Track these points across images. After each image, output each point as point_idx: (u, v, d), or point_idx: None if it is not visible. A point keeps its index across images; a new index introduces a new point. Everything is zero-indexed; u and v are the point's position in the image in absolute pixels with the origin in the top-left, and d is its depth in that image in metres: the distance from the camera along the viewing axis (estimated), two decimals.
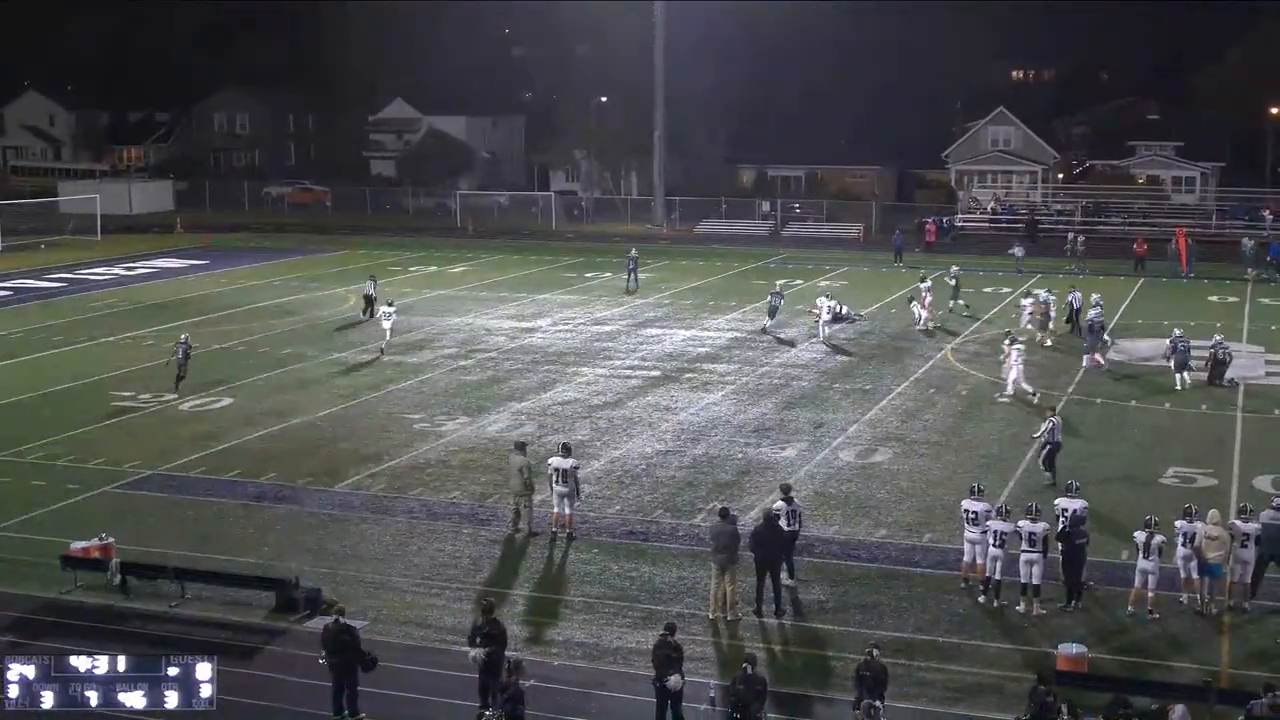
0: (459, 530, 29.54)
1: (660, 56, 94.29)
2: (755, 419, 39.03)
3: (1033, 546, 24.59)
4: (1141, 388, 42.96)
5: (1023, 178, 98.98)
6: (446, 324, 55.02)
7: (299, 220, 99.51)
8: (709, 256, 78.63)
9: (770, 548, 24.77)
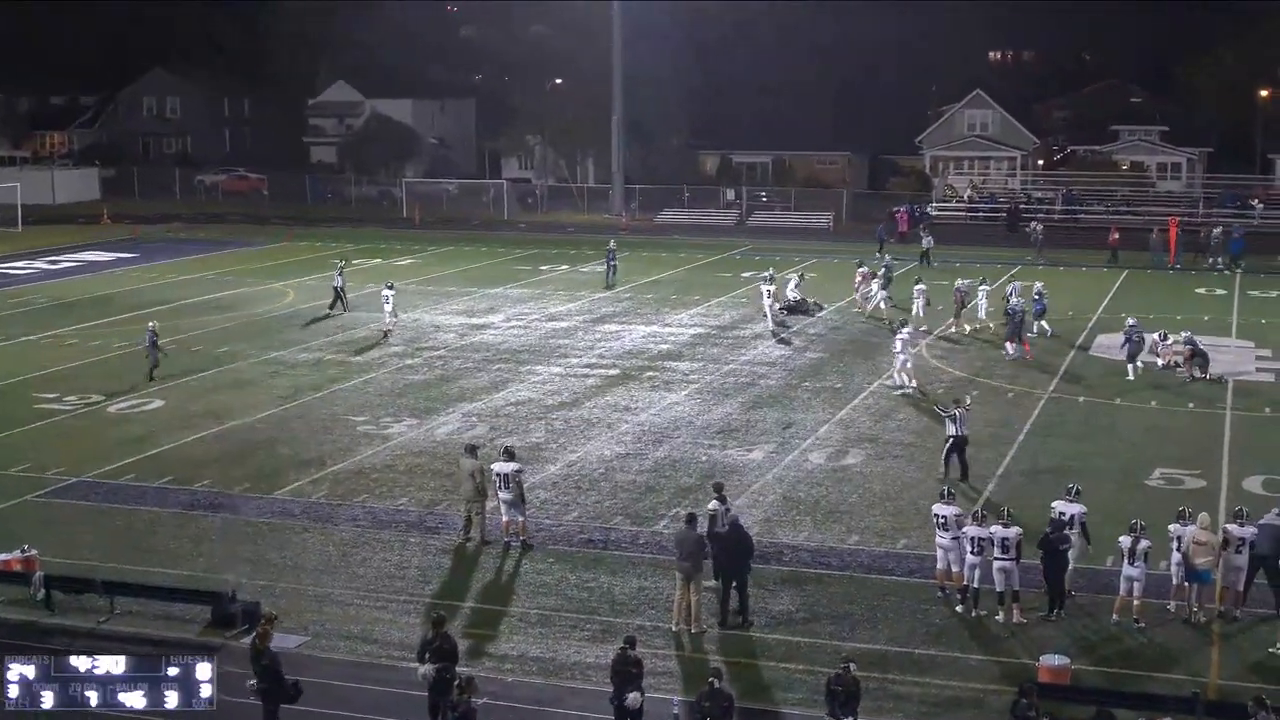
0: (406, 539, 29.46)
1: (618, 36, 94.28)
2: (720, 419, 39.09)
3: (1005, 553, 24.69)
4: (1126, 385, 43.24)
5: (1001, 164, 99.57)
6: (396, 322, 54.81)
7: (234, 210, 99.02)
8: (670, 248, 78.71)
9: (735, 554, 24.82)
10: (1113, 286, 63.32)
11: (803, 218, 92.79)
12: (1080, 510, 26.08)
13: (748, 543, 25.30)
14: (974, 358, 47.14)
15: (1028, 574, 25.21)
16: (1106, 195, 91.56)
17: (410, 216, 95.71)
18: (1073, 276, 67.01)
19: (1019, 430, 37.73)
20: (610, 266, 64.18)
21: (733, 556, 24.83)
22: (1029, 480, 33.06)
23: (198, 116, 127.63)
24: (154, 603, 25.55)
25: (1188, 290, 62.04)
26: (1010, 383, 43.46)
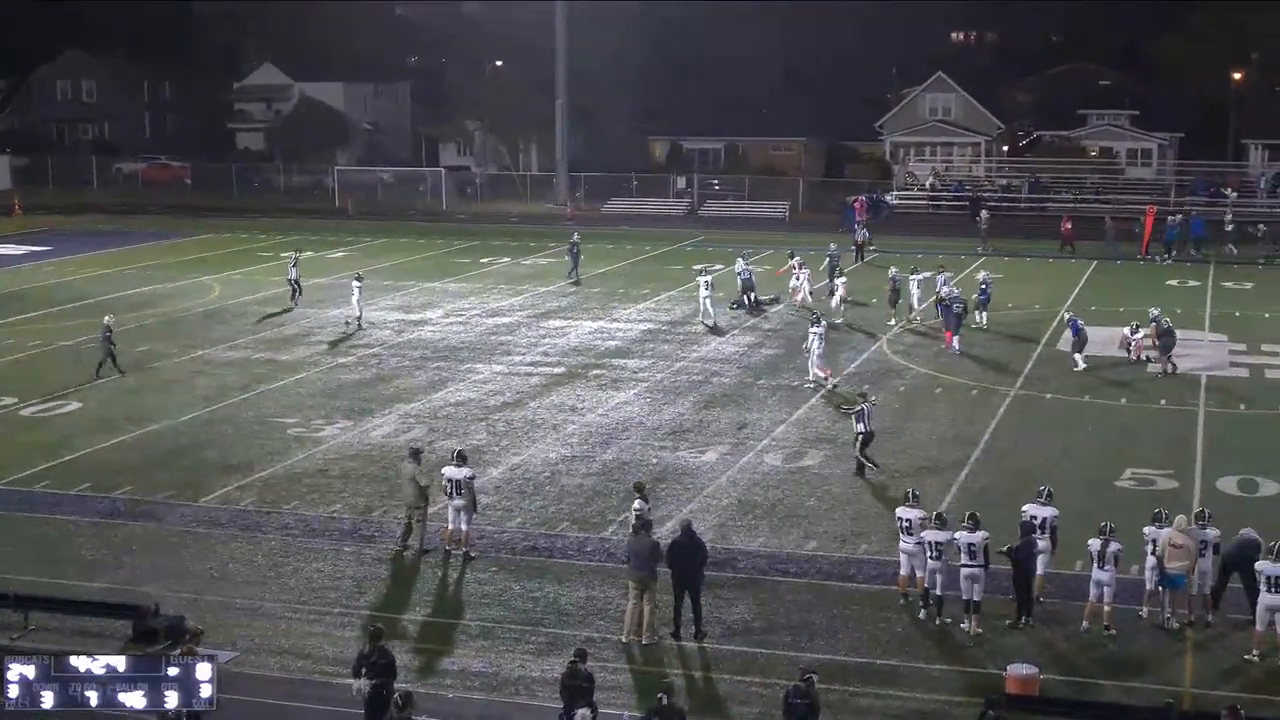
0: (340, 548, 29.37)
1: (562, 16, 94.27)
2: (671, 420, 39.14)
3: (972, 559, 24.81)
4: (1096, 381, 43.57)
5: (964, 150, 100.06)
6: (324, 316, 54.62)
7: (155, 200, 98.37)
8: (618, 239, 78.73)
9: (689, 562, 24.85)
10: (1081, 278, 63.76)
11: (757, 207, 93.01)
12: (1052, 514, 26.26)
13: (701, 549, 25.34)
14: (937, 354, 47.36)
15: (993, 580, 25.37)
16: (1074, 182, 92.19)
17: (342, 207, 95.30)
18: (1039, 268, 67.47)
19: (983, 430, 37.96)
20: (574, 259, 63.74)
21: (686, 564, 24.86)
22: (994, 482, 33.28)
23: (116, 100, 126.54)
24: (71, 618, 25.37)
25: (1159, 282, 62.55)
26: (974, 380, 43.71)
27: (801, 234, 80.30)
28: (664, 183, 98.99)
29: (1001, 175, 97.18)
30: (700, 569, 25.14)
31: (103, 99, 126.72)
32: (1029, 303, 54.88)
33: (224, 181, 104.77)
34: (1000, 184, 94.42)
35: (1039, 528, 25.95)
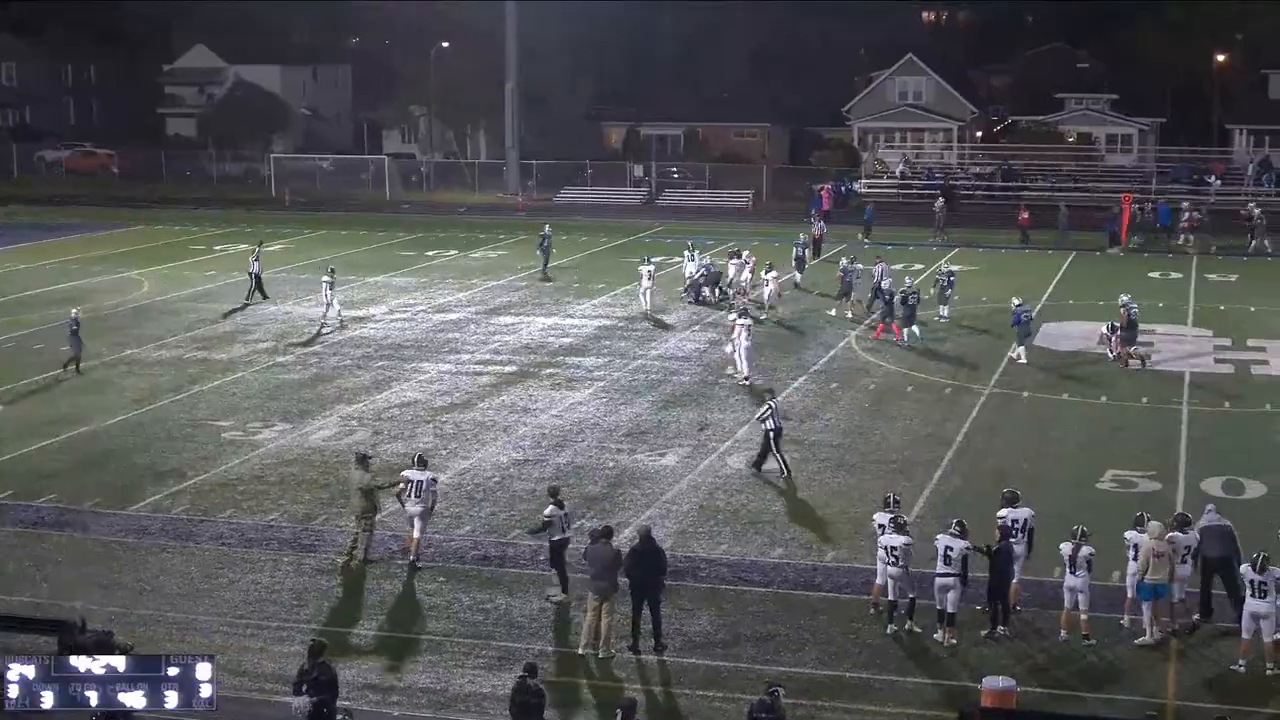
0: (279, 558, 29.27)
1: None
2: (629, 421, 39.17)
3: (948, 565, 24.83)
4: (1074, 379, 43.81)
5: (936, 136, 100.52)
6: (261, 313, 54.45)
7: (80, 190, 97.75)
8: (572, 230, 78.70)
9: (648, 571, 24.85)
10: (1059, 270, 64.09)
11: (719, 196, 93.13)
12: (1028, 514, 26.41)
13: (661, 558, 25.35)
14: (906, 351, 47.52)
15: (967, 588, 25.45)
16: (1051, 170, 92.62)
17: (279, 197, 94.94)
18: (1015, 259, 67.81)
19: (957, 429, 38.13)
20: (544, 252, 63.48)
21: (645, 573, 24.87)
22: (968, 484, 33.41)
23: (37, 84, 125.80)
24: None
25: (1140, 274, 62.91)
26: (948, 378, 43.90)
27: (765, 224, 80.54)
28: (620, 171, 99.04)
29: (975, 162, 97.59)
30: (660, 578, 25.16)
31: (23, 82, 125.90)
32: (1004, 296, 55.00)
33: (153, 170, 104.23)
34: (973, 171, 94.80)
35: (1019, 531, 26.06)
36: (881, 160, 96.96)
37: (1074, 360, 46.11)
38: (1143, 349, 45.78)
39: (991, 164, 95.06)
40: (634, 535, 26.64)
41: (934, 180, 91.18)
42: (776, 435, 34.25)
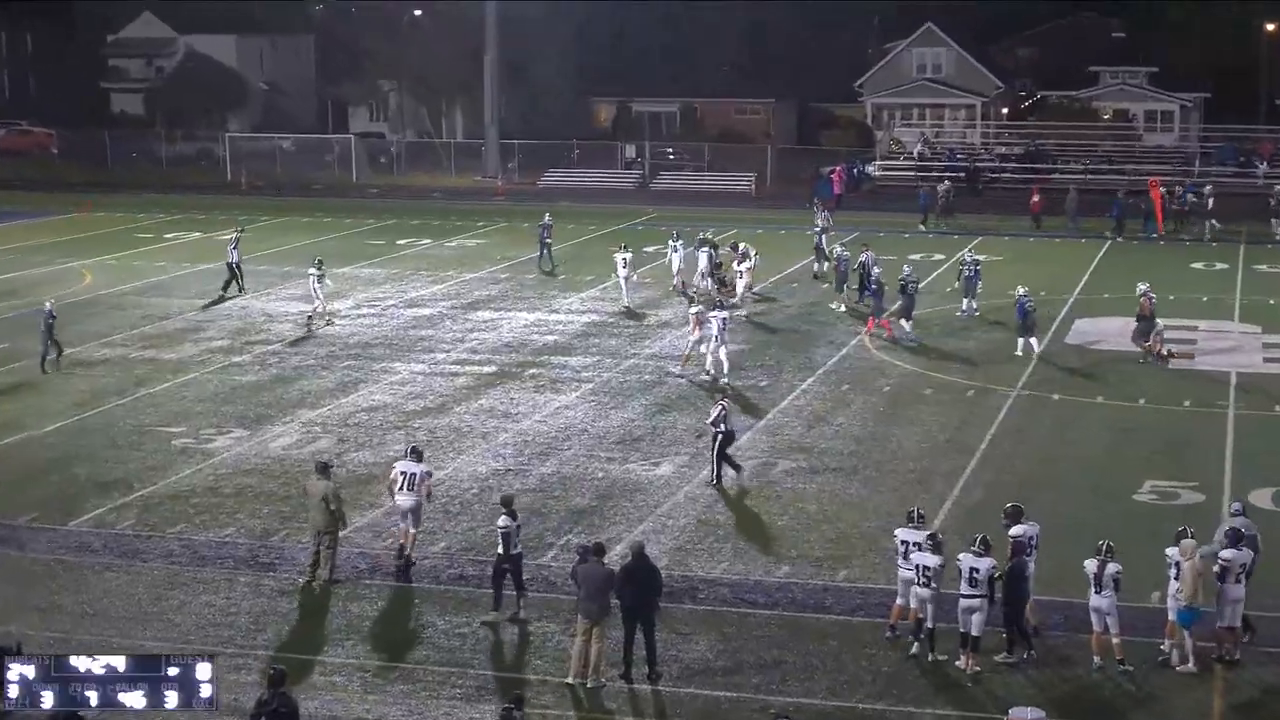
0: (234, 578, 29.23)
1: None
2: (620, 426, 39.16)
3: (974, 587, 24.76)
4: (1109, 380, 43.82)
5: (957, 113, 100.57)
6: (215, 309, 54.44)
7: (16, 173, 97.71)
8: (557, 217, 78.40)
9: (642, 592, 24.81)
10: (1093, 260, 64.12)
11: (719, 180, 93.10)
12: (1036, 530, 26.32)
13: (655, 577, 25.31)
14: (926, 348, 47.53)
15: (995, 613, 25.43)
16: (1084, 150, 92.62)
17: (235, 180, 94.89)
18: (1044, 248, 67.86)
19: (981, 436, 38.13)
20: (544, 246, 62.50)
21: (637, 594, 24.83)
22: (993, 496, 33.29)
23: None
24: None
25: (1181, 264, 62.97)
26: (970, 379, 43.90)
27: (770, 210, 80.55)
28: (610, 152, 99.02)
29: (1000, 141, 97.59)
30: (654, 599, 25.11)
31: None
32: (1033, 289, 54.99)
33: (96, 151, 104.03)
34: (998, 152, 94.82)
35: (1032, 547, 25.96)
36: (898, 140, 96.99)
37: (1109, 359, 46.10)
38: (1176, 346, 45.79)
39: (1018, 143, 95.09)
40: (626, 552, 26.59)
41: (955, 161, 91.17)
42: (725, 441, 34.43)
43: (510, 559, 26.87)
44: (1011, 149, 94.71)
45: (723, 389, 36.79)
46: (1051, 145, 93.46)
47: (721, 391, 35.88)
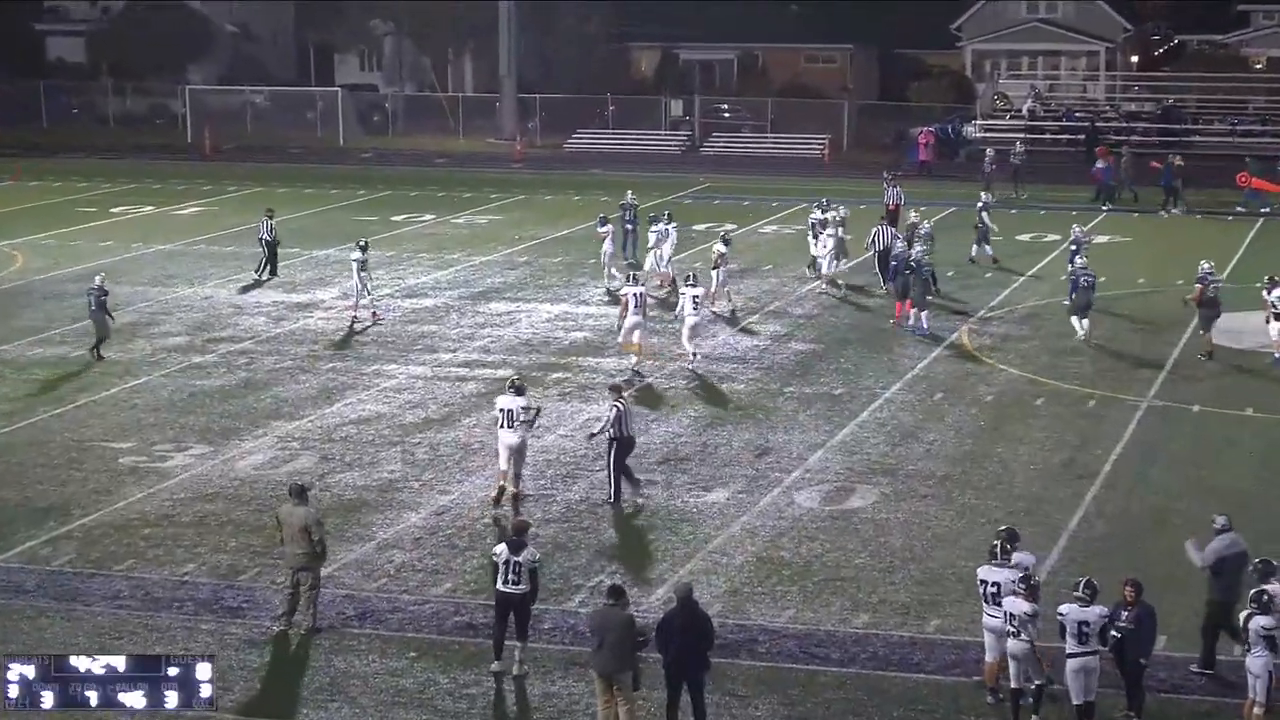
0: (195, 624, 29.27)
1: None
2: (664, 443, 39.15)
3: (1082, 643, 24.51)
4: (1263, 386, 43.62)
5: (1076, 62, 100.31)
6: (172, 298, 54.63)
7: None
8: (587, 188, 78.74)
9: (688, 644, 24.75)
10: (1242, 243, 63.90)
11: (785, 143, 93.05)
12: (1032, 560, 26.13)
13: (705, 627, 25.27)
14: (1037, 348, 47.41)
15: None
16: (1233, 107, 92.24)
17: (198, 142, 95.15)
18: (1180, 227, 67.60)
19: (1105, 457, 38.00)
20: (627, 231, 59.77)
21: (683, 647, 24.78)
22: (1120, 530, 33.22)
23: None
24: None
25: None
26: (1091, 385, 43.76)
27: (846, 178, 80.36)
28: (652, 109, 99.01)
29: (1129, 97, 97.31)
30: (704, 653, 25.08)
31: None
32: (1168, 278, 54.87)
33: (30, 107, 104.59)
34: (1126, 110, 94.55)
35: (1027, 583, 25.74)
36: (1003, 94, 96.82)
37: (1262, 363, 45.87)
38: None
39: (1151, 99, 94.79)
40: (669, 596, 26.58)
41: (1074, 121, 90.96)
42: (620, 448, 34.70)
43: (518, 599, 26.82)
44: (1142, 106, 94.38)
45: (619, 386, 36.51)
46: (1191, 101, 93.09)
47: (618, 390, 35.58)
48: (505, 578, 26.70)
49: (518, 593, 26.74)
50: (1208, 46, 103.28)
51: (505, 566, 26.70)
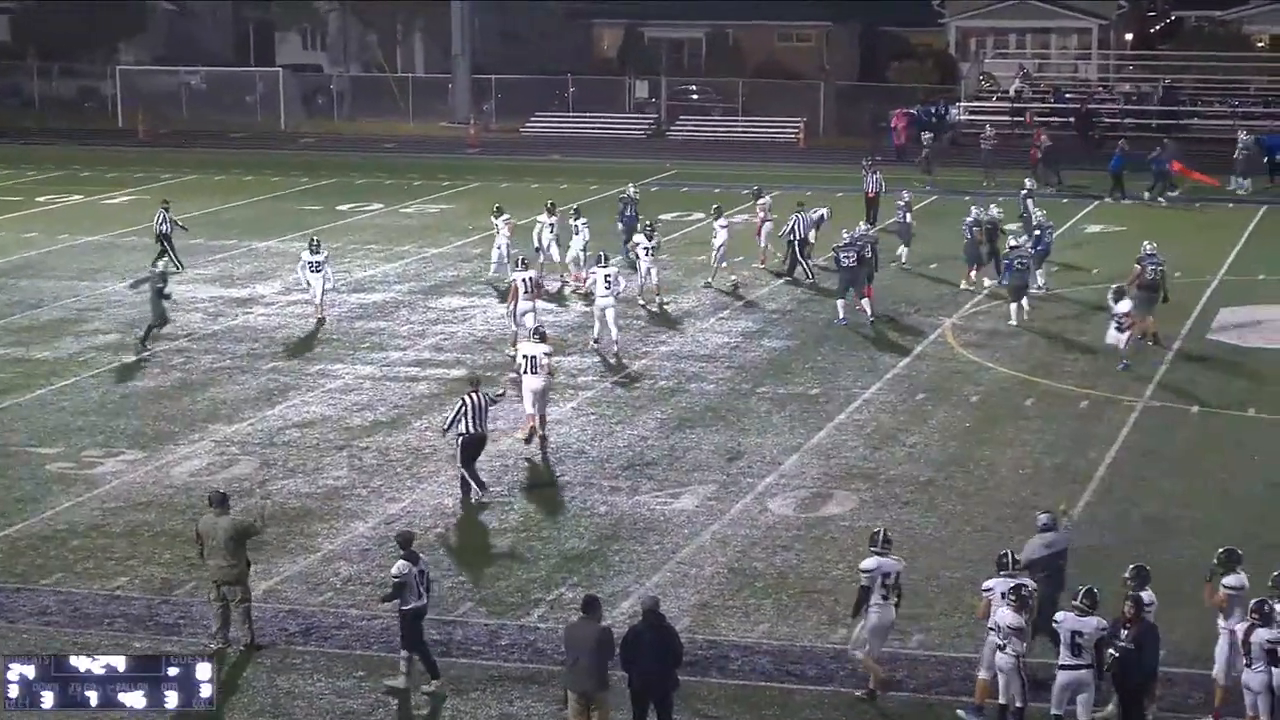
0: (127, 643, 29.15)
1: None
2: (629, 447, 39.16)
3: (1075, 655, 24.48)
4: (1266, 386, 43.71)
5: (1068, 40, 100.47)
6: (101, 293, 54.54)
7: None
8: (547, 174, 78.76)
9: (654, 661, 24.75)
10: (1243, 232, 64.05)
11: (757, 126, 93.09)
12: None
13: (673, 642, 25.26)
14: (1027, 345, 47.47)
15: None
16: (1233, 88, 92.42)
17: (130, 126, 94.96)
18: (1176, 217, 67.76)
19: (1099, 461, 38.07)
20: (627, 225, 58.19)
21: (650, 663, 24.78)
22: (1114, 539, 33.23)
23: None
24: None
25: None
26: (1084, 384, 43.83)
27: (822, 165, 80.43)
28: (616, 90, 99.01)
29: (1124, 77, 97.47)
30: (671, 671, 25.08)
31: None
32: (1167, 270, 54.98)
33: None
34: (1121, 91, 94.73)
35: None
36: (989, 74, 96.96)
37: (1266, 360, 45.98)
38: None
39: (1148, 80, 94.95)
40: (635, 610, 26.57)
41: (1065, 103, 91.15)
42: (465, 445, 35.00)
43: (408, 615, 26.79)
44: (1138, 87, 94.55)
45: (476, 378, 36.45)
46: (1189, 82, 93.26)
47: (473, 382, 35.59)
48: (417, 592, 26.75)
49: (425, 605, 27.08)
50: (1207, 24, 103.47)
51: (417, 581, 26.77)
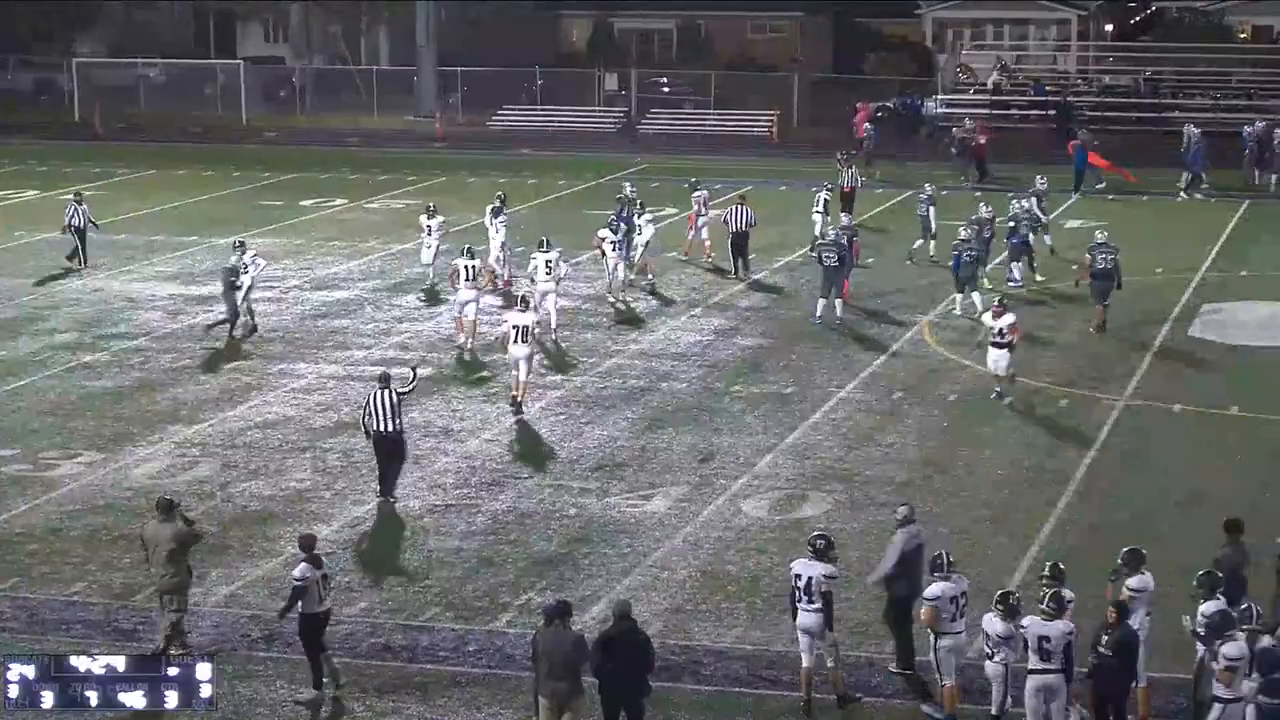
0: (85, 649, 29.10)
1: None
2: (599, 447, 39.18)
3: (1044, 659, 24.50)
4: (1248, 384, 43.82)
5: (1046, 31, 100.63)
6: (58, 291, 54.45)
7: None
8: (514, 169, 78.75)
9: (625, 666, 24.78)
10: (1226, 227, 64.17)
11: (730, 120, 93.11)
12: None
13: (644, 648, 25.28)
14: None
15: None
16: (1215, 80, 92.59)
17: (87, 119, 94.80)
18: (1157, 211, 67.87)
19: (1078, 461, 38.15)
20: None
21: (620, 669, 24.80)
22: (1093, 542, 33.28)
23: None
24: None
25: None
26: (1063, 383, 43.90)
27: (796, 159, 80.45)
28: (585, 83, 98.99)
29: (1104, 69, 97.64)
30: (643, 676, 25.11)
31: None
32: (1147, 266, 55.06)
33: None
34: (1101, 84, 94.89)
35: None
36: (967, 66, 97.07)
37: (1247, 358, 46.08)
38: None
39: (1128, 72, 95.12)
40: (606, 615, 26.59)
41: (1043, 95, 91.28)
42: (376, 443, 35.65)
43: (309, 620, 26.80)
44: (1118, 79, 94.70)
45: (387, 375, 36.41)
46: (1169, 74, 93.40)
47: (383, 379, 35.65)
48: (319, 597, 26.77)
49: (329, 610, 27.20)
50: (1188, 15, 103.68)
51: (318, 585, 26.79)
